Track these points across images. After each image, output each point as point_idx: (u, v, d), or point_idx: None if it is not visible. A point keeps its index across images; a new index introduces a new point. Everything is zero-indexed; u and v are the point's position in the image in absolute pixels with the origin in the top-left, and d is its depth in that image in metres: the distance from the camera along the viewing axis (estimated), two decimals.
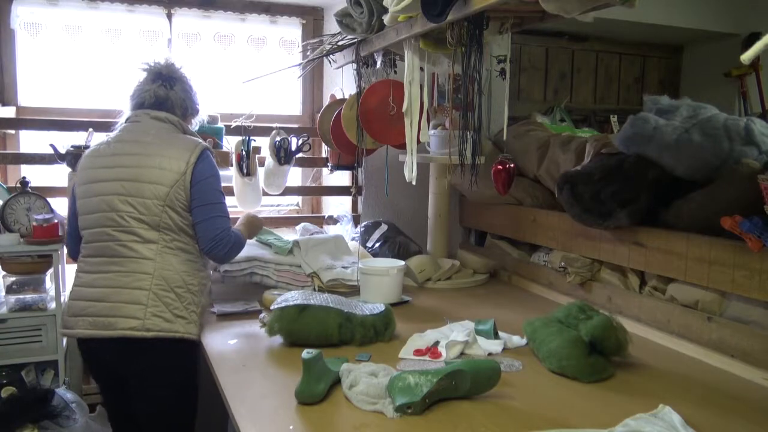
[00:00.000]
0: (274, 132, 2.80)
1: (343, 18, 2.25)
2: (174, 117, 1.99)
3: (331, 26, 2.88)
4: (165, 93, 1.99)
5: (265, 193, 2.82)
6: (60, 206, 2.45)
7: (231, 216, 2.84)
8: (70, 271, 2.34)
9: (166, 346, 1.84)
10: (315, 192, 3.23)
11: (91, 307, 1.84)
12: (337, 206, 3.15)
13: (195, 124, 2.16)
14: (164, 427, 1.93)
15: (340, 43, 2.55)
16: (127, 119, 2.01)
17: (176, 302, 1.86)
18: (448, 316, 2.14)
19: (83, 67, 2.85)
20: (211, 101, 2.95)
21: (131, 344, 1.81)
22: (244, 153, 2.71)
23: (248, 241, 2.52)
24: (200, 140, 1.99)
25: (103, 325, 1.82)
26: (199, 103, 2.12)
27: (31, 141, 2.80)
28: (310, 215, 3.18)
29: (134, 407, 1.93)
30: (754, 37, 2.29)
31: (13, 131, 2.76)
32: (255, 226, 2.29)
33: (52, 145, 2.46)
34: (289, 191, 2.98)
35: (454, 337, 1.83)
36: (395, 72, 2.44)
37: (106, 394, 2.06)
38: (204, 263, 2.00)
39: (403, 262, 2.38)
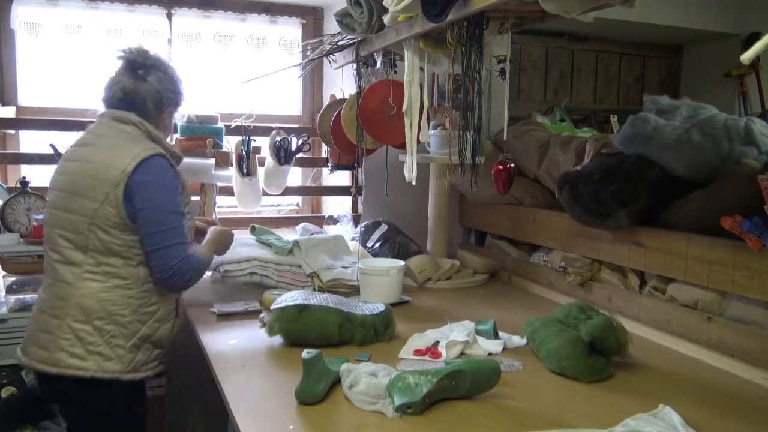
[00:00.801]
0: (274, 132, 2.80)
1: (343, 18, 2.25)
2: (136, 118, 1.73)
3: (331, 26, 2.87)
4: (134, 85, 1.74)
5: (265, 193, 2.82)
6: None
7: (228, 217, 2.88)
8: None
9: (79, 385, 1.63)
10: (315, 192, 3.23)
11: (28, 330, 1.73)
12: (337, 206, 3.15)
13: (181, 117, 1.93)
14: None
15: (340, 43, 2.55)
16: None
17: (93, 336, 1.62)
18: (448, 316, 2.14)
19: (83, 67, 2.84)
20: (211, 101, 2.96)
21: (43, 378, 1.66)
22: (244, 153, 2.71)
23: (248, 241, 2.53)
24: (157, 147, 1.72)
25: (24, 351, 1.70)
26: (182, 93, 1.86)
27: (31, 141, 2.80)
28: (310, 215, 3.18)
29: None
30: (754, 37, 2.29)
31: (13, 131, 2.76)
32: (224, 244, 2.02)
33: (52, 145, 2.46)
34: (289, 191, 2.98)
35: (454, 337, 1.83)
36: (395, 72, 2.44)
37: None
38: (151, 289, 1.73)
39: (403, 262, 2.38)
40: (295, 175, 3.16)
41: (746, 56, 0.96)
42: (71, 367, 1.62)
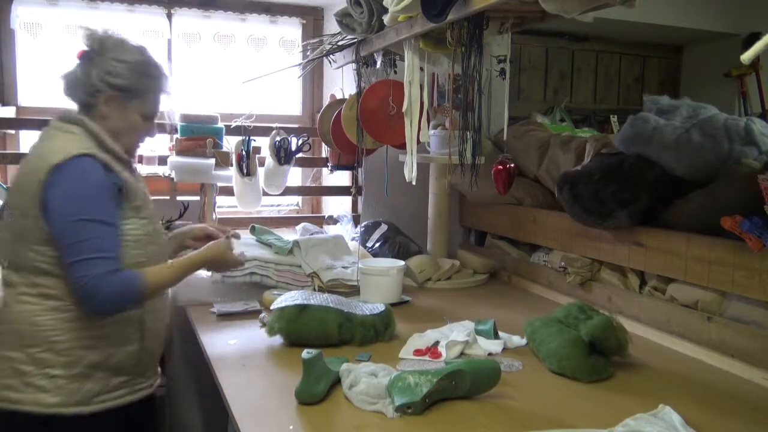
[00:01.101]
0: (274, 132, 2.80)
1: (343, 18, 2.25)
2: (76, 115, 1.55)
3: (331, 26, 2.87)
4: (71, 71, 1.57)
5: (265, 193, 2.82)
6: None
7: (228, 216, 2.88)
8: None
9: (20, 421, 1.42)
10: (315, 192, 3.23)
11: None
12: (337, 206, 3.15)
13: (157, 109, 1.65)
14: None
15: (340, 43, 2.55)
16: None
17: (27, 366, 1.42)
18: (448, 316, 2.14)
19: None
20: (211, 101, 2.96)
21: None
22: (244, 153, 2.71)
23: (249, 240, 2.52)
24: (91, 147, 1.48)
25: None
26: (133, 78, 1.55)
27: (31, 141, 2.76)
28: (310, 215, 3.18)
29: None
30: (754, 37, 2.29)
31: (13, 131, 2.76)
32: (217, 263, 1.76)
33: None
34: (289, 191, 2.98)
35: (454, 337, 1.83)
36: (395, 72, 2.44)
37: None
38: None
39: (403, 262, 2.38)
40: (295, 175, 3.15)
41: (746, 56, 0.96)
42: (4, 400, 1.43)
